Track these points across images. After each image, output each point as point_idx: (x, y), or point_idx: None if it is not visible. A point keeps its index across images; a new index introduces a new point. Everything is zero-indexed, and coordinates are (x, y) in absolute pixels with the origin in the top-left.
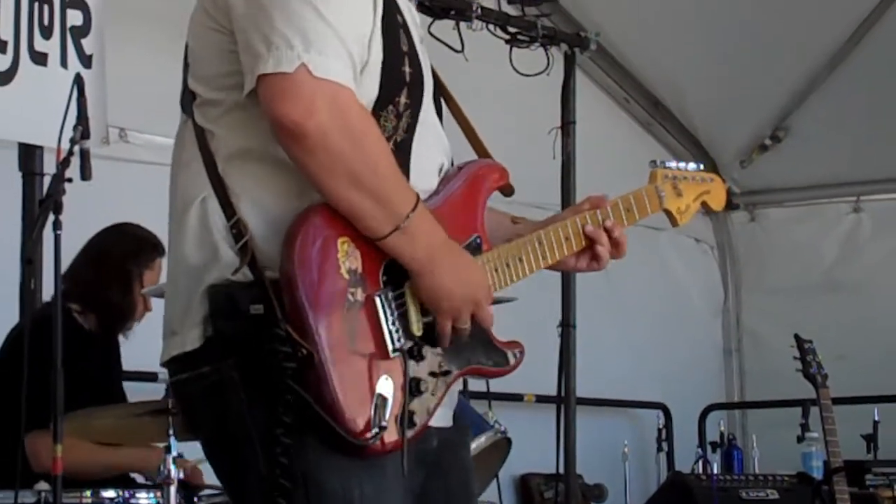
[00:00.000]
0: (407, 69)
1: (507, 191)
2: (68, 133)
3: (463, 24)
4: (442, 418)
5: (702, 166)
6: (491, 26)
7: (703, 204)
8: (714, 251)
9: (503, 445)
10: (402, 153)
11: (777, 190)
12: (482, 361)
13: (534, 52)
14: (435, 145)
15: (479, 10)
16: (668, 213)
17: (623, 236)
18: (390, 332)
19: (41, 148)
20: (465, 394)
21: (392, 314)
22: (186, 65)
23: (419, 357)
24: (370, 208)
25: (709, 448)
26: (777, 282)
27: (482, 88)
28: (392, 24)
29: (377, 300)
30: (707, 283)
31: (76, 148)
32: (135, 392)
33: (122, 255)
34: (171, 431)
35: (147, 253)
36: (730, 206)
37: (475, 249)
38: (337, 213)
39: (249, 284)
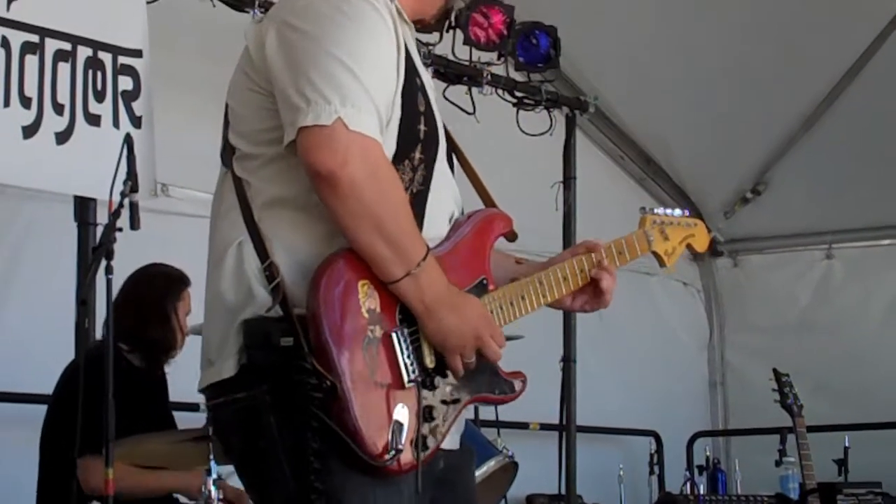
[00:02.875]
0: (422, 127)
1: (511, 237)
2: (119, 187)
3: (475, 89)
4: (451, 442)
5: (686, 212)
6: (499, 91)
7: (689, 246)
8: (700, 294)
9: (511, 468)
10: (419, 203)
11: (757, 238)
12: (489, 390)
13: (538, 114)
14: (447, 196)
15: (489, 77)
16: (656, 254)
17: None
18: (405, 365)
19: (95, 200)
20: (477, 422)
21: (407, 349)
22: (227, 122)
23: (431, 387)
24: (387, 254)
25: (696, 471)
26: (757, 321)
27: (491, 147)
28: (411, 86)
29: (394, 336)
30: (694, 322)
31: (126, 200)
32: (179, 421)
33: (156, 295)
34: (211, 456)
35: (176, 287)
36: (714, 252)
37: (482, 289)
38: (358, 258)
39: (280, 319)
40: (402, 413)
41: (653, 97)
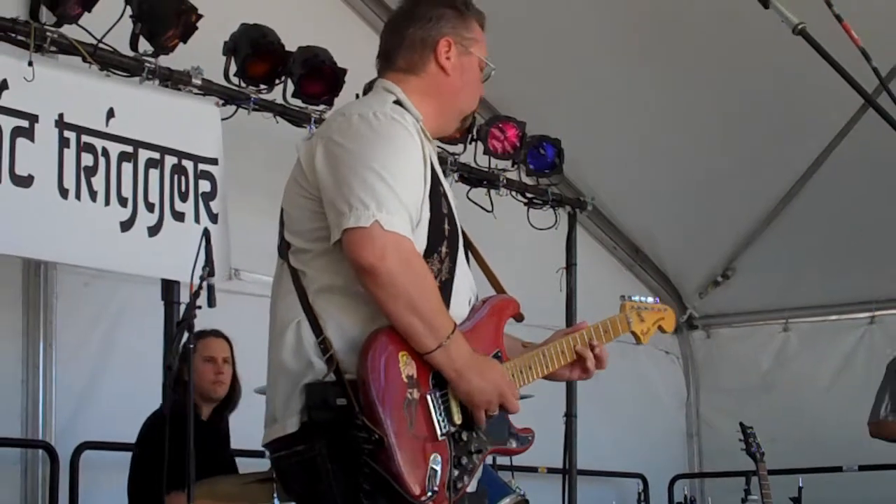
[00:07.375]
0: (446, 226)
1: (519, 318)
2: (199, 272)
3: (493, 191)
4: (472, 486)
5: (657, 299)
6: (513, 192)
7: (660, 328)
8: (679, 361)
9: None
10: (447, 289)
11: (727, 315)
12: (505, 443)
13: (545, 212)
14: (466, 284)
15: (505, 181)
16: (634, 334)
17: (604, 352)
18: (438, 422)
19: (178, 283)
20: (494, 466)
21: (439, 408)
22: (282, 223)
23: (459, 440)
24: (421, 329)
25: None
26: (726, 383)
27: (507, 239)
28: (436, 193)
29: (428, 398)
30: (674, 384)
31: (205, 283)
32: (248, 465)
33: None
34: (275, 494)
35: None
36: (690, 327)
37: (498, 360)
38: (398, 333)
39: (334, 383)
40: (436, 461)
41: (640, 198)
